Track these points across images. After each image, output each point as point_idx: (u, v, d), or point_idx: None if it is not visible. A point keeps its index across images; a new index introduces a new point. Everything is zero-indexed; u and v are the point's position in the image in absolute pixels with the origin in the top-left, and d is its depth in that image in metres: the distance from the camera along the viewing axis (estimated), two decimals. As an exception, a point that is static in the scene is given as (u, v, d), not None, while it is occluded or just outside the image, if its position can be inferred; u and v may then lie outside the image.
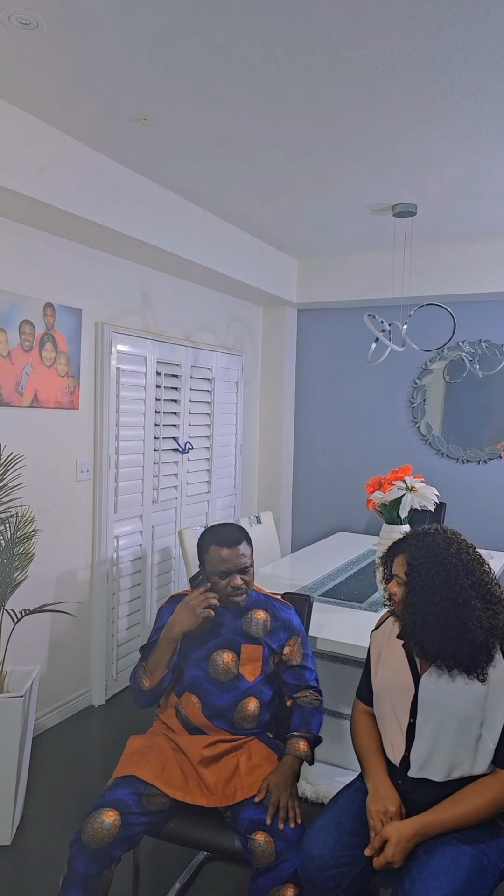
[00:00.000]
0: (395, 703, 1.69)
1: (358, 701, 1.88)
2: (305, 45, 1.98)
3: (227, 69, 2.13)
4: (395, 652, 1.75)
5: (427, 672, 1.65)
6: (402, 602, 1.66)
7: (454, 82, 2.18)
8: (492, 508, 4.39)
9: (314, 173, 3.00)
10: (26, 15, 1.85)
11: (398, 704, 1.68)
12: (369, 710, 1.84)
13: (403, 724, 1.66)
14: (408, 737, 1.65)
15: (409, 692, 1.66)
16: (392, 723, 1.69)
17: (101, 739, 3.07)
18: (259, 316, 4.89)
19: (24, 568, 2.51)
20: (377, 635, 1.85)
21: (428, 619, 1.59)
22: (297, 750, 1.85)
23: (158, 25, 1.90)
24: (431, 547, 1.65)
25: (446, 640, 1.58)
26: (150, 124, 2.53)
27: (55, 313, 3.04)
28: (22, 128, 2.46)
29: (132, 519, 3.59)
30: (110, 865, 1.67)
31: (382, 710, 1.73)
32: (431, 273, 4.23)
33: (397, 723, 1.68)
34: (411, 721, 1.65)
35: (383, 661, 1.78)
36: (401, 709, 1.67)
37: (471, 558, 1.65)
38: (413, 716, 1.65)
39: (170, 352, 3.81)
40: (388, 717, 1.71)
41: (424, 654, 1.63)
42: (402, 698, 1.67)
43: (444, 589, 1.59)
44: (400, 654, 1.73)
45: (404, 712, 1.66)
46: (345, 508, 4.88)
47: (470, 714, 1.58)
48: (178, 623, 1.89)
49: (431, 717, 1.61)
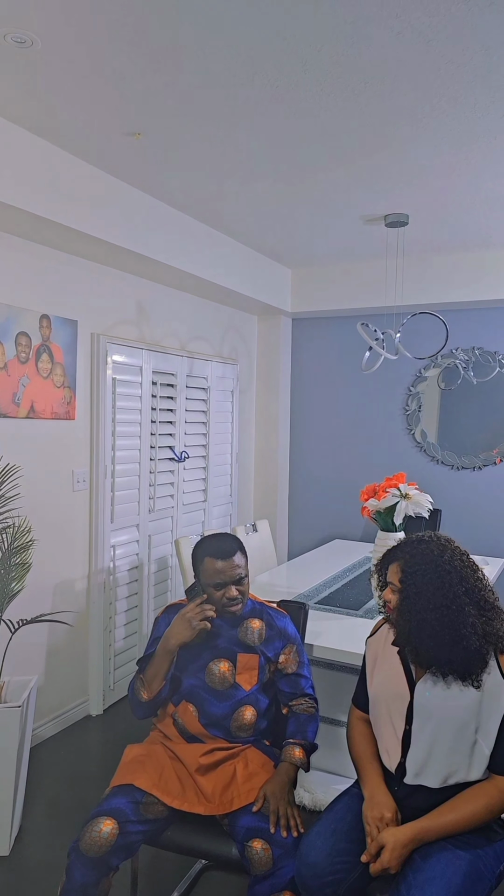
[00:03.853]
0: (390, 710, 1.70)
1: (354, 707, 1.89)
2: (295, 62, 2.02)
3: (218, 85, 2.16)
4: (390, 659, 1.76)
5: (422, 679, 1.66)
6: (397, 609, 1.67)
7: (442, 95, 2.21)
8: (486, 515, 4.41)
9: (306, 184, 3.03)
10: (22, 34, 1.88)
11: (394, 711, 1.69)
12: (365, 716, 1.85)
13: (399, 730, 1.67)
14: (403, 743, 1.66)
15: (405, 699, 1.67)
16: (388, 729, 1.70)
17: (98, 749, 3.07)
18: (254, 325, 4.92)
19: (21, 578, 2.52)
20: (372, 642, 1.86)
21: (423, 625, 1.61)
22: (292, 757, 1.86)
23: (151, 43, 1.93)
24: (425, 554, 1.67)
25: (441, 646, 1.59)
26: (144, 138, 2.57)
27: (51, 325, 3.06)
28: (17, 143, 2.49)
29: (128, 528, 3.60)
30: (108, 874, 1.68)
31: (378, 717, 1.74)
32: (424, 282, 4.27)
33: (393, 729, 1.69)
34: (407, 728, 1.66)
35: (379, 667, 1.79)
36: (396, 715, 1.68)
37: (464, 565, 1.67)
38: (409, 722, 1.66)
39: (165, 362, 3.84)
40: (383, 723, 1.72)
41: (419, 661, 1.64)
42: (397, 705, 1.69)
43: (438, 596, 1.61)
44: (395, 661, 1.74)
45: (400, 719, 1.67)
46: (341, 516, 4.90)
47: (465, 720, 1.59)
48: (175, 635, 1.90)
49: (427, 724, 1.62)
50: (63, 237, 2.89)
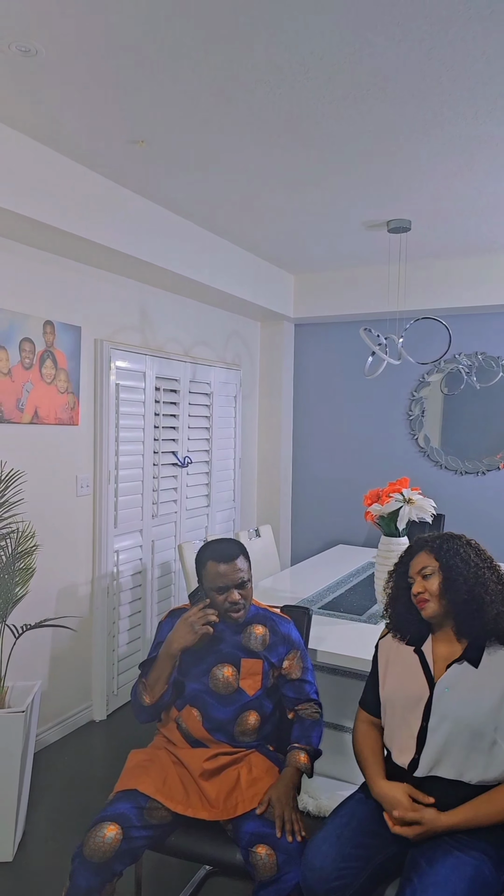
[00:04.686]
0: (406, 709, 1.70)
1: (361, 710, 1.88)
2: (297, 69, 2.03)
3: (221, 93, 2.18)
4: (405, 659, 1.76)
5: (442, 677, 1.67)
6: (441, 586, 1.70)
7: (444, 103, 2.23)
8: (490, 520, 4.40)
9: (309, 191, 3.05)
10: (26, 43, 1.90)
11: (410, 710, 1.69)
12: (373, 719, 1.84)
13: (415, 728, 1.67)
14: (419, 740, 1.66)
15: (423, 697, 1.68)
16: (402, 728, 1.70)
17: (102, 755, 3.07)
18: (256, 331, 4.93)
19: (25, 583, 2.53)
20: (384, 644, 1.86)
21: (475, 590, 1.67)
22: (297, 762, 1.86)
23: (154, 51, 1.95)
24: (447, 536, 1.77)
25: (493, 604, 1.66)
26: (148, 146, 2.58)
27: (55, 331, 3.08)
28: (21, 150, 2.51)
29: (132, 533, 3.61)
30: (112, 880, 1.67)
31: (392, 717, 1.74)
32: (427, 287, 4.27)
33: (408, 728, 1.69)
34: (423, 724, 1.66)
35: (392, 668, 1.79)
36: (413, 714, 1.69)
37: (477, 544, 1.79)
38: (425, 719, 1.66)
39: (168, 367, 3.85)
40: (397, 722, 1.72)
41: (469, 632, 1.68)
42: (414, 704, 1.69)
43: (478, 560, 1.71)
44: (412, 661, 1.74)
45: (416, 717, 1.68)
46: (344, 521, 4.89)
47: (484, 719, 1.60)
48: (177, 640, 1.90)
49: (443, 723, 1.63)
50: (66, 244, 2.91)
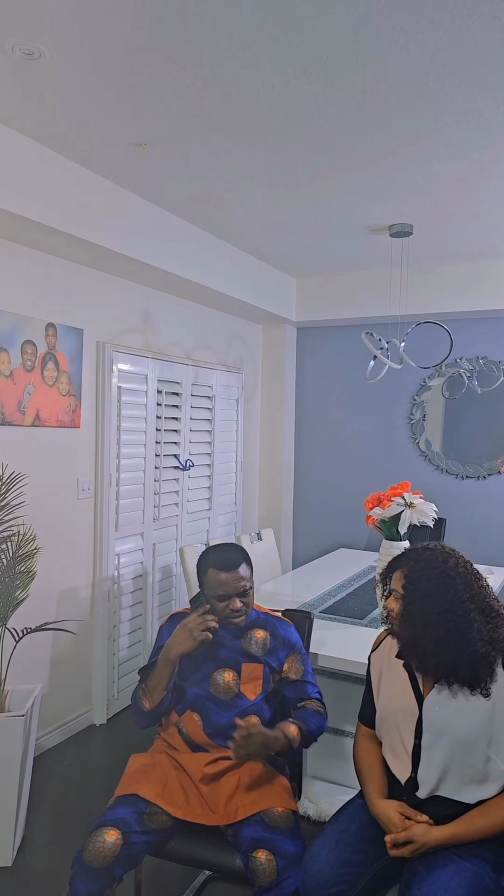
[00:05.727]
0: (399, 725, 1.68)
1: (360, 724, 1.86)
2: (301, 73, 2.03)
3: (224, 96, 2.18)
4: (396, 672, 1.74)
5: (430, 693, 1.64)
6: (400, 616, 1.65)
7: (447, 107, 2.23)
8: (491, 524, 4.40)
9: (311, 195, 3.05)
10: (30, 46, 1.90)
11: (403, 726, 1.67)
12: (372, 733, 1.82)
13: (409, 745, 1.65)
14: (413, 758, 1.64)
15: (413, 714, 1.65)
16: (397, 744, 1.68)
17: (102, 759, 3.06)
18: (258, 334, 4.94)
19: (26, 586, 2.53)
20: (375, 657, 1.84)
21: (426, 631, 1.59)
22: (285, 728, 1.81)
23: (157, 54, 1.95)
24: (429, 560, 1.66)
25: (446, 652, 1.57)
26: (151, 149, 2.59)
27: (57, 333, 3.08)
28: (23, 153, 2.51)
29: (133, 537, 3.60)
30: (112, 885, 1.67)
31: (387, 732, 1.72)
32: (429, 291, 4.27)
33: (402, 744, 1.67)
34: (416, 742, 1.64)
35: (385, 682, 1.76)
36: (406, 730, 1.66)
37: (468, 572, 1.66)
38: (418, 737, 1.64)
39: (170, 370, 3.85)
40: (393, 738, 1.70)
41: (424, 670, 1.62)
42: (406, 720, 1.66)
43: (442, 601, 1.59)
44: (402, 675, 1.72)
45: (409, 734, 1.65)
46: (345, 525, 4.89)
47: (476, 734, 1.57)
48: (176, 645, 1.89)
49: (436, 740, 1.60)
50: (69, 246, 2.91)
